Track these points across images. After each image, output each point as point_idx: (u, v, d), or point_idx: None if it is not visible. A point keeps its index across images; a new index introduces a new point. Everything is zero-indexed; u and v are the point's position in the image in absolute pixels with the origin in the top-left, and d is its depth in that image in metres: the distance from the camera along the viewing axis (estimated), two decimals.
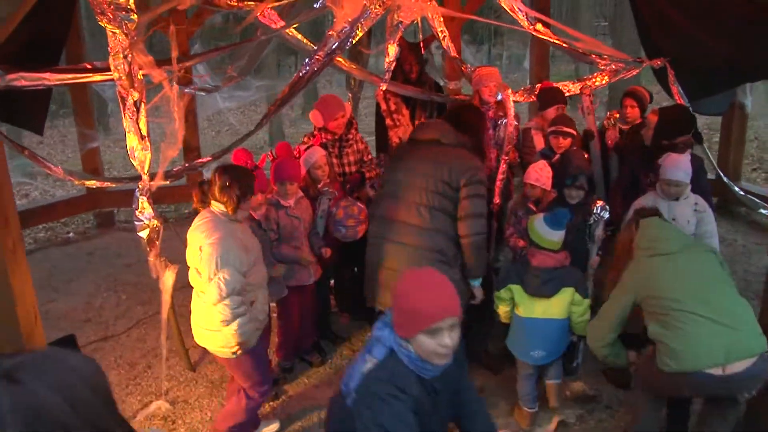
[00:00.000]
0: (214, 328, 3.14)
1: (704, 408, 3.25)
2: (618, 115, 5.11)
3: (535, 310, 3.50)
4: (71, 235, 7.46)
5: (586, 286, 3.57)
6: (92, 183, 4.86)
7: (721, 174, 5.89)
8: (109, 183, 4.88)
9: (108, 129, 14.76)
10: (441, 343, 1.93)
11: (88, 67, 4.60)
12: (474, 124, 3.95)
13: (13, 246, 2.34)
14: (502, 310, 3.66)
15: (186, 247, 3.26)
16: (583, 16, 15.34)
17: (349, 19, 4.25)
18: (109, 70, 4.26)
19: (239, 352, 3.25)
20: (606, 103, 12.19)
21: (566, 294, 3.46)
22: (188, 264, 3.23)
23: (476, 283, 3.59)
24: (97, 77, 4.51)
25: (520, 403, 3.73)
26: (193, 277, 3.22)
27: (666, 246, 3.08)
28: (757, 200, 6.08)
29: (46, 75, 4.35)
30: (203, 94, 6.49)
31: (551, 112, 4.68)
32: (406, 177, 3.55)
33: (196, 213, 7.53)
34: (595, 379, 4.11)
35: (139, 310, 5.41)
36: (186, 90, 5.84)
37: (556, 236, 3.47)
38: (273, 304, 4.06)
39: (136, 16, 3.69)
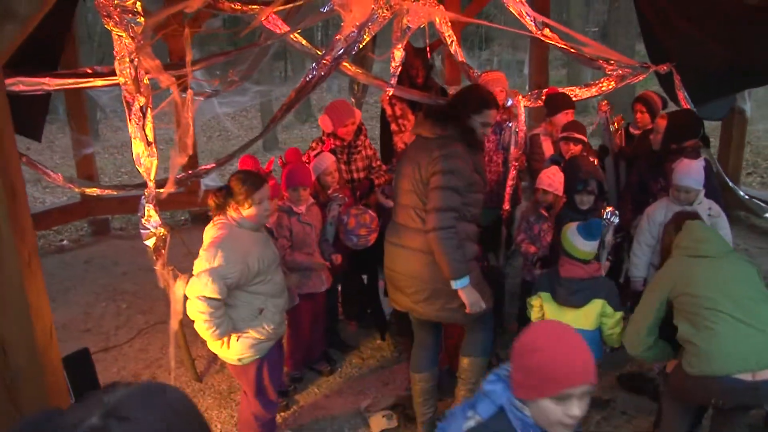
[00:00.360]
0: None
1: (715, 415, 3.23)
2: (619, 122, 5.09)
3: (564, 319, 3.45)
4: (65, 242, 7.32)
5: (618, 299, 3.48)
6: (93, 190, 4.76)
7: (727, 179, 5.90)
8: (110, 190, 4.78)
9: (97, 136, 14.57)
10: (569, 412, 1.62)
11: (89, 71, 4.50)
12: (456, 112, 3.36)
13: (29, 258, 2.25)
14: (533, 316, 3.63)
15: (191, 254, 3.25)
16: (575, 23, 15.41)
17: (357, 23, 4.20)
18: (111, 74, 4.17)
19: (246, 359, 3.23)
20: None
21: (596, 305, 3.40)
22: None
23: (457, 285, 3.18)
24: (99, 82, 4.40)
25: None
26: None
27: (710, 249, 3.03)
28: (763, 204, 6.09)
29: (46, 80, 4.25)
30: (201, 98, 6.41)
31: (560, 118, 4.65)
32: (398, 180, 3.50)
33: (195, 219, 7.40)
34: (608, 385, 4.09)
35: (140, 320, 5.31)
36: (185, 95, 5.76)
37: (589, 247, 3.42)
38: None
39: (143, 19, 3.62)
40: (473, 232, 3.39)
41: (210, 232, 3.19)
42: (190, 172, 4.68)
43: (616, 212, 4.15)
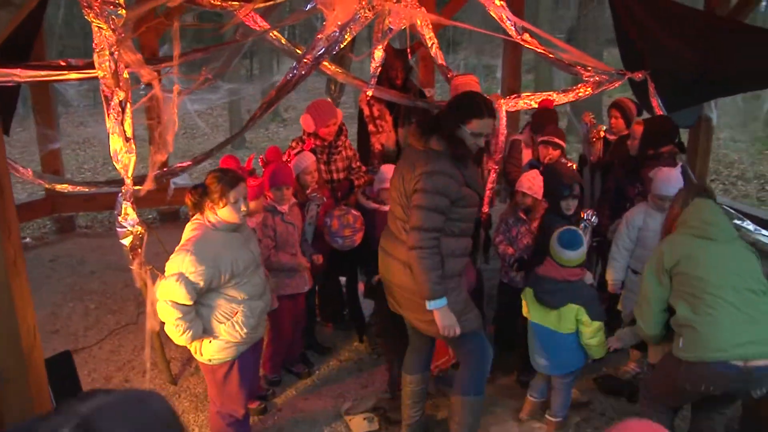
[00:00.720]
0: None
1: (694, 417, 3.30)
2: (598, 133, 5.16)
3: (540, 317, 3.53)
4: (28, 240, 7.09)
5: (598, 308, 3.50)
6: (64, 187, 4.60)
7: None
8: (82, 187, 4.63)
9: (59, 131, 14.17)
10: None
11: (62, 64, 4.36)
12: (445, 122, 3.16)
13: (15, 256, 2.17)
14: (524, 311, 3.72)
15: (166, 253, 3.17)
16: (542, 28, 15.60)
17: (339, 23, 4.17)
18: (86, 68, 4.05)
19: (216, 361, 3.18)
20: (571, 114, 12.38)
21: (571, 310, 3.45)
22: None
23: (431, 306, 3.05)
24: (73, 75, 4.27)
25: (528, 392, 3.85)
26: None
27: (717, 232, 2.98)
28: (732, 211, 6.25)
29: (17, 71, 4.10)
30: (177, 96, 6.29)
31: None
32: (390, 188, 3.46)
33: (163, 218, 7.25)
34: (586, 387, 4.14)
35: (110, 320, 5.17)
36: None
37: (565, 255, 3.47)
38: None
39: (124, 11, 3.52)
40: (460, 248, 3.22)
41: (185, 233, 3.12)
42: (165, 169, 4.58)
43: (595, 213, 4.22)
